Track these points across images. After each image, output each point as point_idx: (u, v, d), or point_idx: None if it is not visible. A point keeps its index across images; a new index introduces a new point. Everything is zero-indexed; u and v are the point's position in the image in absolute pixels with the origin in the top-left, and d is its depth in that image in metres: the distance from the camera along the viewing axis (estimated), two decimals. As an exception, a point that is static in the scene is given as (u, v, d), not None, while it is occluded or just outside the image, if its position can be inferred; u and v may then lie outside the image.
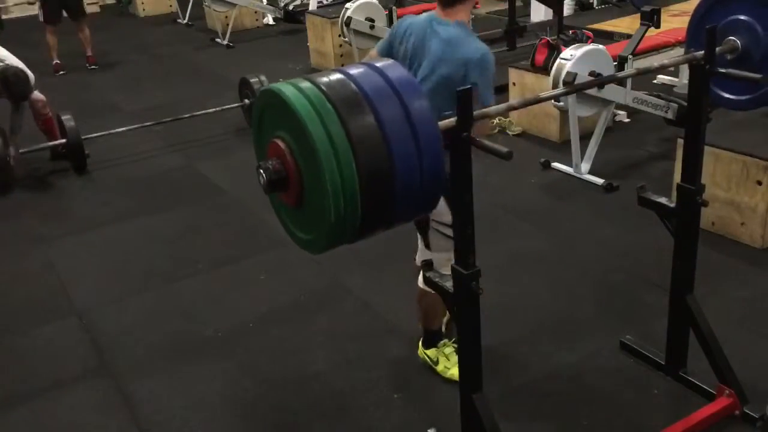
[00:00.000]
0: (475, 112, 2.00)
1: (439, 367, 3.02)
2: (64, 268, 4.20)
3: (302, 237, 1.87)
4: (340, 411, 2.94)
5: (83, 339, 3.52)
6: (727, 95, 2.58)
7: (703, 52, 2.42)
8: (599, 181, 4.71)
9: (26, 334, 3.60)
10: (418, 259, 2.90)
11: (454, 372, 2.91)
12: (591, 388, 2.96)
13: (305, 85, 1.71)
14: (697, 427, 2.63)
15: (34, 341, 3.53)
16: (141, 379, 3.20)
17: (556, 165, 5.02)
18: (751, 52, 2.45)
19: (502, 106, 1.93)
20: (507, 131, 5.59)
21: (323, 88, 1.69)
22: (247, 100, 5.96)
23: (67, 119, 5.40)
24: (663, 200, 2.71)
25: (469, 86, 2.00)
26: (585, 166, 4.84)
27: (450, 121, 1.97)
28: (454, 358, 2.95)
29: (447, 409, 2.75)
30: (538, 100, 2.11)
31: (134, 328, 3.57)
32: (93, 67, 8.52)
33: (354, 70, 1.77)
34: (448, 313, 3.00)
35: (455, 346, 2.95)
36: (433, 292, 2.59)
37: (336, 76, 1.74)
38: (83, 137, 5.42)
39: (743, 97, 2.55)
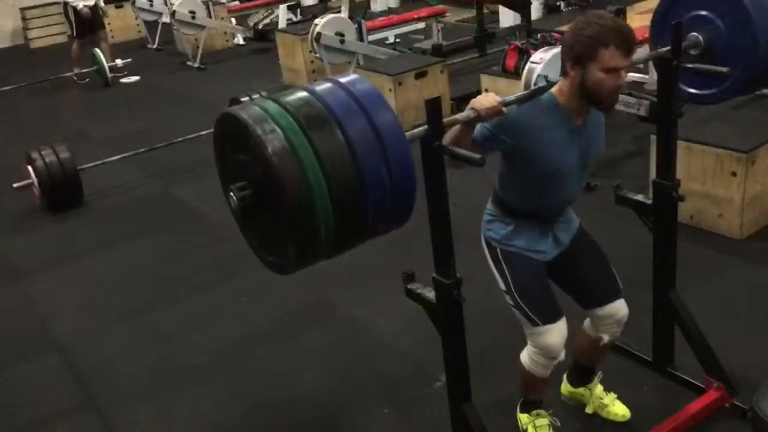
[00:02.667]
0: (444, 119, 1.98)
1: None
2: (43, 303, 4.14)
3: (273, 260, 1.83)
4: (331, 429, 2.91)
5: (65, 374, 3.46)
6: (692, 90, 2.60)
7: (669, 48, 2.44)
8: (577, 181, 4.72)
9: (7, 372, 3.53)
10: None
11: None
12: (581, 390, 2.95)
13: (269, 105, 1.68)
14: (688, 421, 2.63)
15: (16, 379, 3.47)
16: (127, 412, 3.15)
17: (533, 168, 5.02)
18: (713, 47, 2.47)
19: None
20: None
21: (288, 108, 1.66)
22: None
23: (61, 150, 5.29)
24: (640, 197, 2.73)
25: (438, 96, 1.99)
26: (562, 168, 4.85)
27: (420, 131, 1.96)
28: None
29: (438, 421, 2.74)
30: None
31: (117, 360, 3.52)
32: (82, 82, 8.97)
33: (319, 87, 1.74)
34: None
35: (551, 420, 2.64)
36: (528, 371, 2.49)
37: (300, 94, 1.71)
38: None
39: (708, 92, 2.56)
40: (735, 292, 3.46)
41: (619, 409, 2.72)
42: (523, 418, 2.67)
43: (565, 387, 2.84)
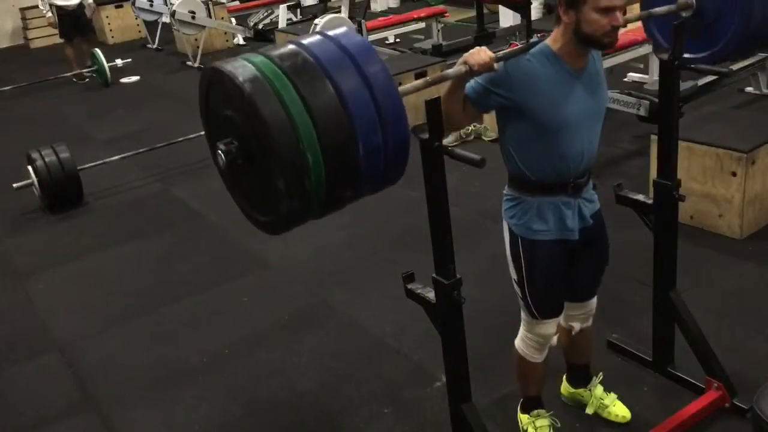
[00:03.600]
0: (436, 75, 1.98)
1: None
2: (43, 303, 4.14)
3: (261, 219, 1.77)
4: (331, 429, 2.91)
5: (66, 373, 3.46)
6: (686, 54, 2.53)
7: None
8: (577, 181, 4.72)
9: (7, 372, 3.53)
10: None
11: None
12: (581, 390, 2.94)
13: (257, 59, 1.63)
14: (688, 422, 2.63)
15: (16, 379, 3.47)
16: (126, 411, 3.15)
17: (533, 168, 5.02)
18: (704, 9, 2.42)
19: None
20: (482, 137, 5.60)
21: (276, 60, 1.61)
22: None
23: (61, 150, 5.29)
24: (640, 197, 2.73)
25: (437, 96, 1.99)
26: (562, 168, 4.85)
27: (413, 85, 1.90)
28: None
29: (438, 421, 2.74)
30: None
31: (117, 359, 3.52)
32: (81, 82, 9.00)
33: (307, 40, 1.68)
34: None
35: (552, 421, 2.63)
36: (523, 356, 2.52)
37: (289, 47, 1.66)
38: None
39: (702, 55, 2.52)
40: (735, 292, 3.46)
41: (619, 410, 2.72)
42: (523, 418, 2.67)
43: (565, 388, 2.84)
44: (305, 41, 1.67)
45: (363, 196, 1.75)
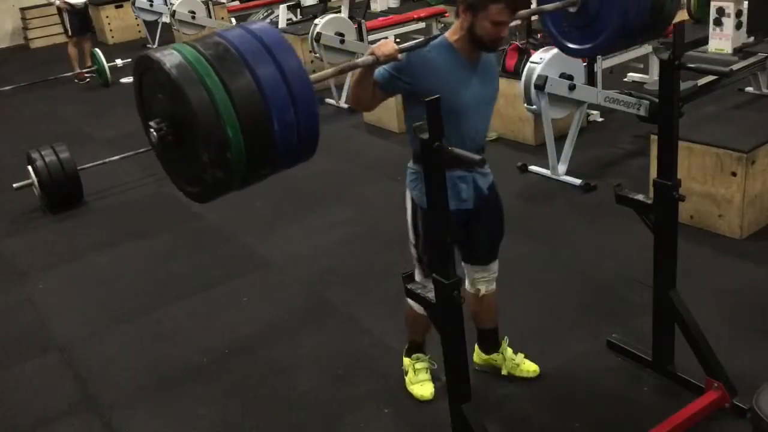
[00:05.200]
0: (345, 64, 2.37)
1: (406, 378, 3.02)
2: (43, 303, 4.14)
3: (191, 190, 1.95)
4: (331, 429, 2.91)
5: (66, 373, 3.46)
6: (571, 45, 2.69)
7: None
8: (577, 181, 4.73)
9: (7, 372, 3.54)
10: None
11: (413, 389, 2.97)
12: (581, 390, 2.95)
13: (183, 48, 1.81)
14: (687, 422, 2.63)
15: (16, 379, 3.47)
16: (126, 411, 3.15)
17: (533, 168, 5.03)
18: (588, 4, 2.55)
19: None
20: (482, 137, 5.61)
21: (200, 49, 1.79)
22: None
23: (61, 150, 5.29)
24: (640, 197, 2.73)
25: (437, 96, 2.01)
26: (562, 168, 4.86)
27: (325, 73, 2.15)
28: (422, 375, 2.97)
29: (438, 421, 2.73)
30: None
31: (117, 359, 3.52)
32: (82, 82, 9.00)
33: (229, 32, 1.87)
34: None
35: (429, 364, 2.99)
36: (412, 307, 2.76)
37: (213, 39, 1.85)
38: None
39: (585, 46, 2.65)
40: (735, 292, 3.46)
41: (529, 366, 3.01)
42: (406, 361, 3.02)
43: (478, 355, 3.08)
44: (227, 33, 1.85)
45: (281, 168, 1.92)
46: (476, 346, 3.07)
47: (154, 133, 1.82)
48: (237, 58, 1.77)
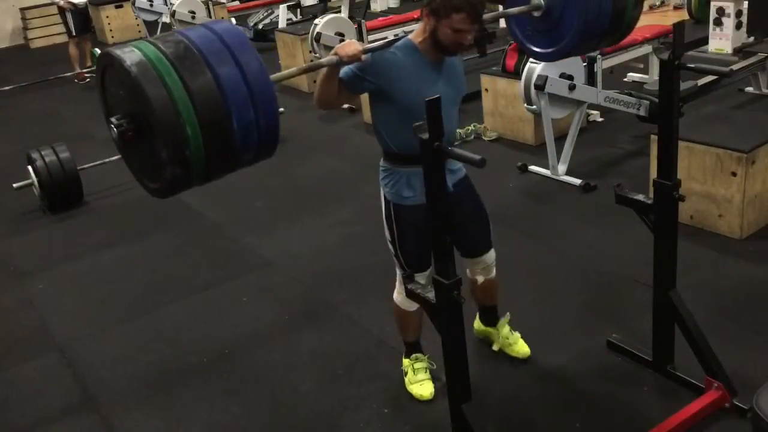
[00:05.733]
0: (311, 63, 2.45)
1: (406, 379, 3.02)
2: (43, 303, 4.14)
3: (152, 186, 1.96)
4: (331, 429, 2.91)
5: (66, 374, 3.46)
6: (536, 49, 2.73)
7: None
8: (577, 181, 4.73)
9: (7, 372, 3.54)
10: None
11: (412, 389, 2.97)
12: (581, 390, 2.95)
13: (144, 46, 1.82)
14: (688, 422, 2.63)
15: (16, 379, 3.47)
16: (126, 411, 3.15)
17: (533, 168, 5.03)
18: (552, 9, 2.59)
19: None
20: (483, 137, 5.60)
21: (161, 47, 1.81)
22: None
23: (61, 150, 5.29)
24: (640, 197, 2.73)
25: (437, 96, 2.01)
26: (562, 168, 4.86)
27: (289, 72, 2.20)
28: (421, 375, 2.97)
29: (438, 421, 2.73)
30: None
31: (117, 360, 3.52)
32: (82, 82, 8.99)
33: (190, 31, 1.89)
34: None
35: (428, 363, 3.00)
36: (399, 306, 2.88)
37: (174, 37, 1.87)
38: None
39: (549, 50, 2.69)
40: (735, 292, 3.45)
41: (521, 348, 3.09)
42: (405, 361, 3.04)
43: (477, 324, 3.21)
44: (188, 32, 1.87)
45: (241, 166, 1.94)
46: (477, 314, 3.18)
47: (115, 129, 1.84)
48: (198, 57, 1.79)
